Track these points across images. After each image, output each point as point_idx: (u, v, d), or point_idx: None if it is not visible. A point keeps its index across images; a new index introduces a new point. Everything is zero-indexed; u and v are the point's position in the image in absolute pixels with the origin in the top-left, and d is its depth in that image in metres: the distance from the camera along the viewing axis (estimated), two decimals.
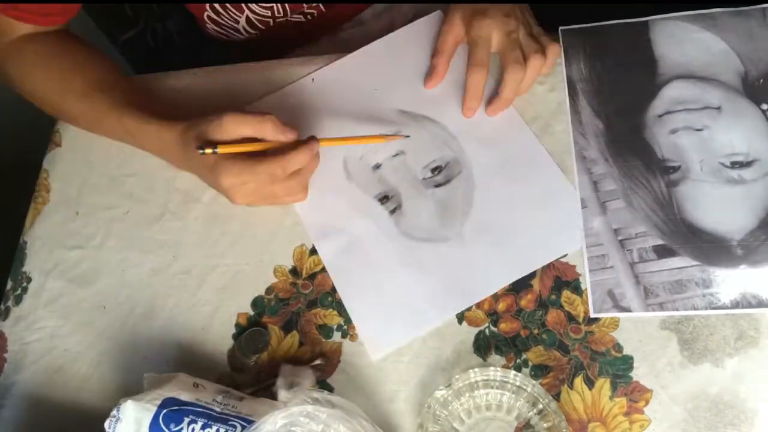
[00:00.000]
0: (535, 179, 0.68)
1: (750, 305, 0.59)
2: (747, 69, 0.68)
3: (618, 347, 0.60)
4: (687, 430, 0.57)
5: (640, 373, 0.59)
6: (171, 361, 0.67)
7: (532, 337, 0.62)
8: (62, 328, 0.71)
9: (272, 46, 0.90)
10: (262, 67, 0.80)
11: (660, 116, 0.68)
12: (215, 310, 0.69)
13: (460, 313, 0.64)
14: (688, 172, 0.65)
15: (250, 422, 0.56)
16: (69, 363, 0.69)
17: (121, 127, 0.72)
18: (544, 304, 0.63)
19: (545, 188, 0.68)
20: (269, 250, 0.70)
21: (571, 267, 0.64)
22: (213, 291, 0.70)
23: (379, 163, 0.72)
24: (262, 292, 0.69)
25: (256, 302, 0.68)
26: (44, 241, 0.76)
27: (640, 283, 0.62)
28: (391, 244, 0.68)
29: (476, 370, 0.58)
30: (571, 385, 0.60)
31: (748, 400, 0.57)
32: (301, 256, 0.69)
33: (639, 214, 0.64)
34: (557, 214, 0.66)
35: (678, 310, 0.60)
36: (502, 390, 0.58)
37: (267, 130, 0.64)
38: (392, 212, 0.70)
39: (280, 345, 0.66)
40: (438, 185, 0.70)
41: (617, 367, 0.60)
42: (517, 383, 0.57)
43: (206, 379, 0.62)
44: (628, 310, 0.61)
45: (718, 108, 0.67)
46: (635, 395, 0.59)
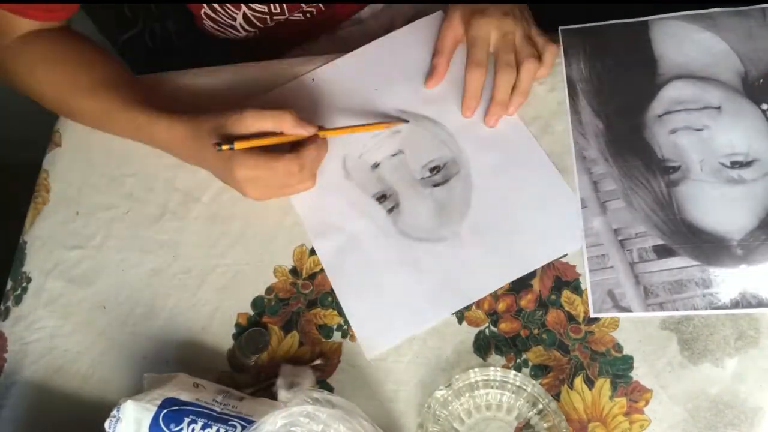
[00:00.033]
0: (533, 180, 0.68)
1: (750, 305, 0.59)
2: (747, 69, 0.68)
3: (618, 347, 0.60)
4: (687, 430, 0.57)
5: (640, 373, 0.59)
6: (171, 361, 0.67)
7: (532, 337, 0.62)
8: (62, 328, 0.71)
9: (271, 45, 0.90)
10: (262, 67, 0.80)
11: (660, 116, 0.68)
12: (215, 310, 0.69)
13: (460, 313, 0.64)
14: (688, 172, 0.65)
15: (250, 422, 0.56)
16: (69, 363, 0.69)
17: (131, 122, 0.73)
18: (544, 304, 0.63)
19: (542, 189, 0.68)
20: (269, 250, 0.70)
21: (571, 267, 0.64)
22: (213, 291, 0.70)
23: (377, 162, 0.72)
24: (262, 292, 0.69)
25: (256, 302, 0.68)
26: (44, 241, 0.76)
27: (640, 283, 0.62)
28: (388, 243, 0.69)
29: (476, 370, 0.58)
30: (571, 385, 0.60)
31: (748, 400, 0.57)
32: (301, 256, 0.69)
33: (639, 214, 0.64)
34: (554, 215, 0.67)
35: (678, 310, 0.60)
36: (502, 390, 0.58)
37: (286, 124, 0.65)
38: (390, 211, 0.70)
39: (280, 345, 0.66)
40: (436, 185, 0.70)
41: (617, 367, 0.60)
42: (517, 383, 0.57)
43: (206, 379, 0.62)
44: (628, 310, 0.61)
45: (718, 108, 0.67)
46: (635, 395, 0.59)
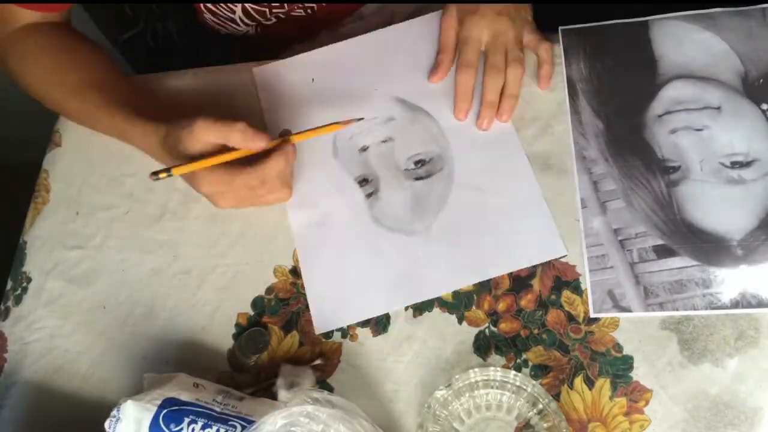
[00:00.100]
0: (512, 190, 0.68)
1: (750, 305, 0.59)
2: (747, 69, 0.68)
3: (618, 347, 0.60)
4: (687, 430, 0.57)
5: (640, 373, 0.59)
6: (171, 361, 0.67)
7: (532, 337, 0.62)
8: (62, 328, 0.71)
9: (272, 42, 0.90)
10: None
11: (660, 116, 0.68)
12: (215, 310, 0.69)
13: (461, 313, 0.64)
14: (688, 172, 0.65)
15: (250, 422, 0.56)
16: (69, 363, 0.69)
17: (111, 124, 0.73)
18: (544, 304, 0.63)
19: (519, 200, 0.68)
20: (269, 250, 0.70)
21: (571, 267, 0.64)
22: (213, 291, 0.70)
23: (366, 146, 0.72)
24: (262, 292, 0.69)
25: (256, 302, 0.68)
26: (44, 241, 0.76)
27: (640, 283, 0.62)
28: (359, 226, 0.69)
29: (476, 370, 0.58)
30: (571, 385, 0.60)
31: (748, 400, 0.57)
32: None
33: (639, 214, 0.64)
34: (526, 227, 0.66)
35: (678, 310, 0.60)
36: (502, 390, 0.58)
37: (235, 138, 0.62)
38: (368, 196, 0.70)
39: (280, 345, 0.66)
40: (418, 178, 0.70)
41: (617, 367, 0.60)
42: (517, 383, 0.57)
43: (206, 379, 0.62)
44: (628, 310, 0.61)
45: (718, 108, 0.67)
46: (635, 395, 0.59)
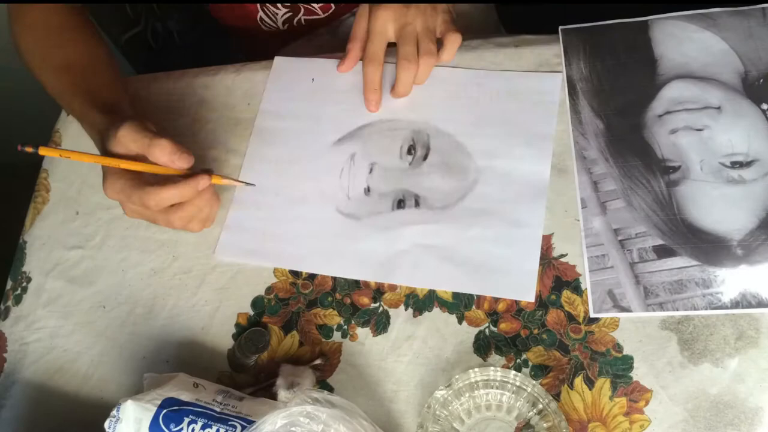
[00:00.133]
0: (518, 219, 0.66)
1: (750, 305, 0.59)
2: (747, 69, 0.68)
3: (618, 347, 0.60)
4: (687, 430, 0.57)
5: (640, 373, 0.59)
6: (171, 361, 0.67)
7: (532, 337, 0.62)
8: (62, 328, 0.71)
9: (273, 40, 0.90)
10: (263, 66, 0.80)
11: (660, 116, 0.68)
12: (215, 310, 0.69)
13: (460, 313, 0.64)
14: (688, 172, 0.65)
15: (250, 422, 0.56)
16: (69, 363, 0.69)
17: (72, 107, 0.72)
18: (544, 304, 0.63)
19: (520, 234, 0.65)
20: None
21: (571, 267, 0.64)
22: (213, 291, 0.70)
23: (367, 187, 0.70)
24: (262, 292, 0.69)
25: (256, 302, 0.68)
26: (44, 241, 0.76)
27: (640, 283, 0.62)
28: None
29: (476, 370, 0.58)
30: (571, 385, 0.60)
31: (748, 400, 0.57)
32: None
33: (639, 214, 0.64)
34: (514, 259, 0.64)
35: (678, 310, 0.60)
36: (502, 390, 0.58)
37: (155, 154, 0.61)
38: (417, 205, 0.69)
39: (280, 345, 0.66)
40: (425, 158, 0.70)
41: (617, 367, 0.60)
42: (517, 383, 0.57)
43: (206, 380, 0.62)
44: (628, 310, 0.61)
45: (718, 108, 0.67)
46: (635, 395, 0.59)
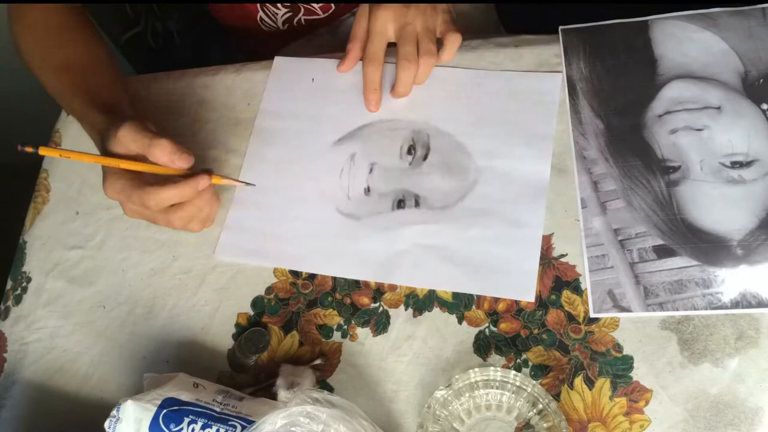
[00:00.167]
0: (518, 219, 0.66)
1: (750, 305, 0.59)
2: (747, 69, 0.68)
3: (618, 347, 0.60)
4: (687, 430, 0.57)
5: (640, 373, 0.59)
6: (171, 361, 0.67)
7: (532, 337, 0.62)
8: (62, 328, 0.71)
9: (273, 39, 0.90)
10: (263, 66, 0.80)
11: (660, 116, 0.68)
12: (215, 310, 0.69)
13: (460, 313, 0.64)
14: (688, 172, 0.65)
15: (250, 422, 0.56)
16: (69, 363, 0.69)
17: (72, 107, 0.71)
18: (544, 304, 0.63)
19: (520, 234, 0.65)
20: None
21: (571, 267, 0.64)
22: (213, 291, 0.70)
23: (367, 187, 0.70)
24: (262, 292, 0.69)
25: (256, 302, 0.68)
26: (44, 241, 0.76)
27: (640, 283, 0.62)
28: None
29: (476, 370, 0.58)
30: (571, 385, 0.60)
31: (748, 400, 0.57)
32: None
33: (639, 214, 0.64)
34: (514, 259, 0.64)
35: (678, 310, 0.60)
36: (502, 390, 0.58)
37: (155, 154, 0.61)
38: (417, 206, 0.68)
39: (280, 345, 0.66)
40: (425, 158, 0.70)
41: (617, 367, 0.60)
42: (517, 383, 0.57)
43: (206, 380, 0.62)
44: (628, 310, 0.61)
45: (718, 108, 0.67)
46: (635, 395, 0.59)
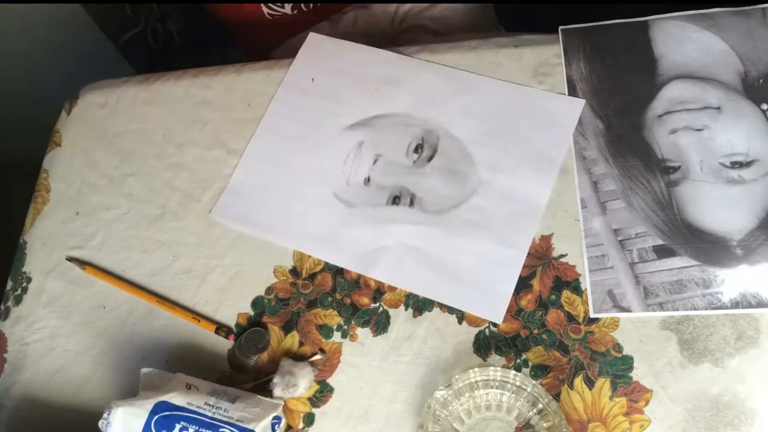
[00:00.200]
0: (506, 242, 0.65)
1: (750, 305, 0.59)
2: (747, 69, 0.68)
3: (618, 347, 0.60)
4: (687, 430, 0.57)
5: (640, 373, 0.59)
6: (171, 361, 0.67)
7: (532, 337, 0.62)
8: (62, 328, 0.71)
9: (274, 34, 0.90)
10: (264, 66, 0.80)
11: (660, 116, 0.68)
12: (215, 310, 0.69)
13: (460, 313, 0.64)
14: (688, 173, 0.65)
15: (241, 429, 0.56)
16: (69, 363, 0.69)
17: None
18: (544, 304, 0.63)
19: (504, 255, 0.65)
20: (269, 251, 0.70)
21: (571, 267, 0.64)
22: (213, 291, 0.70)
23: (367, 177, 0.71)
24: (262, 292, 0.69)
25: (256, 302, 0.68)
26: (44, 241, 0.76)
27: (640, 283, 0.62)
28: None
29: (476, 370, 0.58)
30: (571, 385, 0.60)
31: (748, 400, 0.57)
32: (301, 256, 0.69)
33: (639, 214, 0.64)
34: (493, 278, 0.64)
35: (678, 310, 0.60)
36: (502, 390, 0.58)
37: None
38: (411, 205, 0.69)
39: (280, 345, 0.66)
40: (429, 159, 0.70)
41: (617, 367, 0.60)
42: (517, 383, 0.57)
43: (206, 380, 0.62)
44: (628, 310, 0.61)
45: (718, 108, 0.67)
46: (635, 395, 0.59)
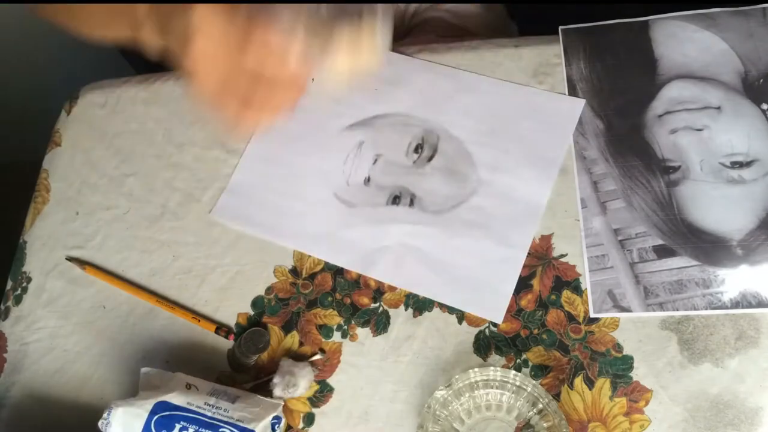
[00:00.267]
0: (506, 242, 0.65)
1: (750, 305, 0.59)
2: (747, 69, 0.68)
3: (618, 347, 0.60)
4: (687, 430, 0.57)
5: (640, 373, 0.59)
6: (171, 361, 0.67)
7: (532, 337, 0.62)
8: (62, 328, 0.71)
9: None
10: None
11: (660, 116, 0.68)
12: (215, 310, 0.69)
13: (460, 313, 0.64)
14: (688, 172, 0.65)
15: (241, 429, 0.57)
16: (69, 363, 0.69)
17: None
18: (544, 304, 0.63)
19: (504, 254, 0.65)
20: (269, 250, 0.70)
21: (571, 267, 0.64)
22: (213, 291, 0.70)
23: (367, 177, 0.71)
24: (262, 292, 0.69)
25: (256, 302, 0.68)
26: (44, 241, 0.76)
27: (640, 283, 0.62)
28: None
29: (476, 370, 0.58)
30: (571, 385, 0.60)
31: (748, 400, 0.57)
32: (301, 256, 0.69)
33: (639, 214, 0.64)
34: (494, 279, 0.64)
35: (678, 310, 0.60)
36: (502, 390, 0.58)
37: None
38: (411, 205, 0.69)
39: (280, 345, 0.66)
40: (429, 159, 0.70)
41: (617, 367, 0.60)
42: (517, 383, 0.57)
43: (207, 380, 0.62)
44: (628, 310, 0.61)
45: (718, 108, 0.67)
46: (635, 395, 0.59)
